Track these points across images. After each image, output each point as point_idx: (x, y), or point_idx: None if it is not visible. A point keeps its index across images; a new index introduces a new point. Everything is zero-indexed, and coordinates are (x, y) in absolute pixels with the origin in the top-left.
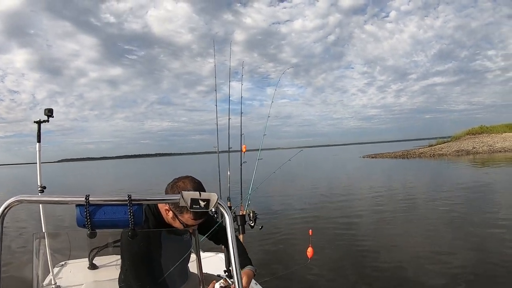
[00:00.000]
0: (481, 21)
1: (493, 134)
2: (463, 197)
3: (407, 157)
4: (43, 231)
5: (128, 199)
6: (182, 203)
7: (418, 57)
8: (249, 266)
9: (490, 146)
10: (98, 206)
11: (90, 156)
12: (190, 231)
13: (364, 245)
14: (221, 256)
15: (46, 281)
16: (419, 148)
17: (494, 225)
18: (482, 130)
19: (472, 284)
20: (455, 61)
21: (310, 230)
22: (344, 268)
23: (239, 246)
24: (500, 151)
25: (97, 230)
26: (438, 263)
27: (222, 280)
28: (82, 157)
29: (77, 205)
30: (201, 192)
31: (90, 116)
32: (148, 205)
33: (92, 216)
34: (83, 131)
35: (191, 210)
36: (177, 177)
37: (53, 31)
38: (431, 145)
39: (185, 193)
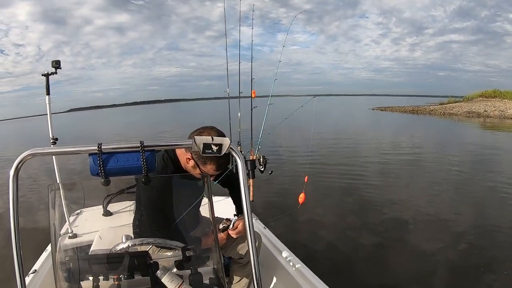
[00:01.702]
0: None
1: (506, 100)
2: (469, 159)
3: (417, 113)
4: (58, 182)
5: (141, 146)
6: (194, 148)
7: (436, 11)
8: None
9: (502, 111)
10: (111, 154)
11: (99, 105)
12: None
13: (365, 195)
14: (230, 200)
15: (63, 230)
16: (430, 105)
17: (497, 187)
18: (496, 94)
19: (471, 244)
20: (475, 20)
21: (306, 177)
22: (343, 214)
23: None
24: (511, 118)
25: (110, 178)
26: (439, 221)
27: (224, 220)
28: (91, 105)
29: (90, 154)
30: (213, 137)
31: (97, 65)
32: (167, 152)
33: (105, 164)
34: (91, 79)
35: (204, 154)
36: (201, 126)
37: None
38: (442, 103)
39: (197, 138)
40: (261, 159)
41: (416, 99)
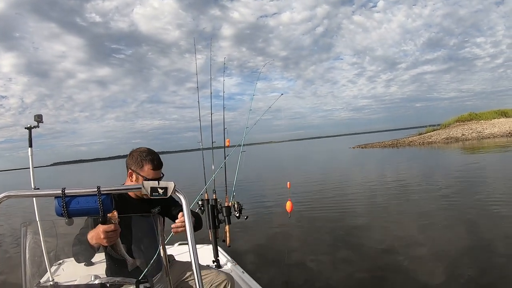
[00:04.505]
0: (469, 9)
1: (482, 121)
2: (454, 184)
3: (396, 146)
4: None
5: (97, 190)
6: (144, 191)
7: (407, 46)
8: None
9: (479, 132)
10: (73, 197)
11: (82, 158)
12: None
13: (354, 235)
14: (210, 247)
15: (44, 278)
16: (409, 137)
17: (486, 209)
18: (472, 117)
19: (469, 267)
20: (444, 49)
21: (289, 183)
22: (332, 251)
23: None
24: (489, 137)
25: (74, 218)
26: (434, 248)
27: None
28: (74, 159)
29: (56, 197)
30: (159, 182)
31: (80, 118)
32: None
33: (68, 206)
34: (74, 133)
35: (152, 197)
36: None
37: (39, 33)
38: (421, 133)
39: (145, 182)
40: (235, 205)
41: (396, 133)
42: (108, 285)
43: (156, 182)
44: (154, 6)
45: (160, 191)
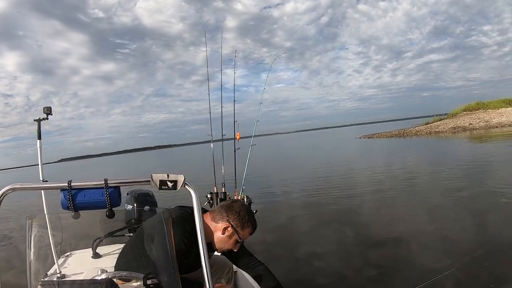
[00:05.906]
0: None
1: (489, 110)
2: (462, 173)
3: (403, 136)
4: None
5: (105, 183)
6: (152, 185)
7: (413, 34)
8: None
9: (487, 122)
10: (79, 190)
11: (89, 154)
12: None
13: (362, 225)
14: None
15: (51, 271)
16: (416, 127)
17: (496, 199)
18: (479, 106)
19: (479, 259)
20: (451, 37)
21: None
22: (342, 242)
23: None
24: (496, 127)
25: (81, 212)
26: (444, 240)
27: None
28: (81, 155)
29: (61, 190)
30: (169, 174)
31: (86, 114)
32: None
33: (74, 199)
34: (81, 129)
35: (160, 190)
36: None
37: (42, 30)
38: (428, 123)
39: (154, 175)
40: (245, 199)
41: (403, 123)
42: (115, 280)
43: (166, 174)
44: None
45: (170, 184)
